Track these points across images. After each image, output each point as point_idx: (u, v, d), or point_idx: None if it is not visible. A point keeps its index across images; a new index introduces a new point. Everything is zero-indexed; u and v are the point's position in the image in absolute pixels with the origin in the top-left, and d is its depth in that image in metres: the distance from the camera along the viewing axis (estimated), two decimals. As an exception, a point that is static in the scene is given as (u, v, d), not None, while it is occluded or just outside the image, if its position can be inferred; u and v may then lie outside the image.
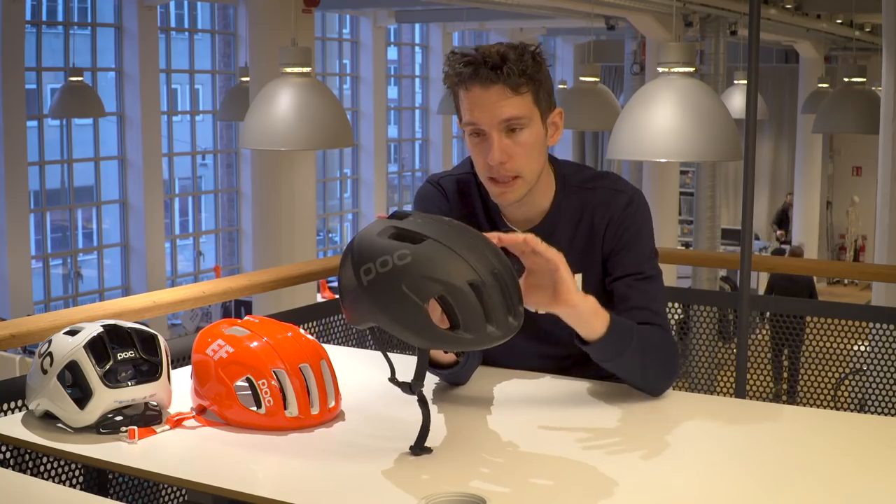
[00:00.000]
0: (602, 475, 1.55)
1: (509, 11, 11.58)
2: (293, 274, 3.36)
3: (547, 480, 1.54)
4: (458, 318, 1.52)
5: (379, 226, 1.60)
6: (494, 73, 1.81)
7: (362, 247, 1.57)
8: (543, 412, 1.84)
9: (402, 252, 1.53)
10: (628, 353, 1.82)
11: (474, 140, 1.88)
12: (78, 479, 2.31)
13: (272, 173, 8.79)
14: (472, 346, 1.56)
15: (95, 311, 2.66)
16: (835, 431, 1.78)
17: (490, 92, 1.83)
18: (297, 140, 4.03)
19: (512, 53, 1.83)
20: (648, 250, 1.97)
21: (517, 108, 1.84)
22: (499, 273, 1.55)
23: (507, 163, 1.86)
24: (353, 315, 1.62)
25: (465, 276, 1.52)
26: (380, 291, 1.54)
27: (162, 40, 11.83)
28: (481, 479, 1.54)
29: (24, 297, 10.07)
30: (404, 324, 1.54)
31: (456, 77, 1.86)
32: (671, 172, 11.64)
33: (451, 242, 1.55)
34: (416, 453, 1.59)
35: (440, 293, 1.52)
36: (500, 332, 1.54)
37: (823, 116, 7.29)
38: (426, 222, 1.59)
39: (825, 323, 3.43)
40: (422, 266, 1.52)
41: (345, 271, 1.60)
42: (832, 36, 14.17)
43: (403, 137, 16.33)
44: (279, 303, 6.69)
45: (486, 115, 1.84)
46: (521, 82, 1.83)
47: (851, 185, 17.55)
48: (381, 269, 1.53)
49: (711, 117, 3.20)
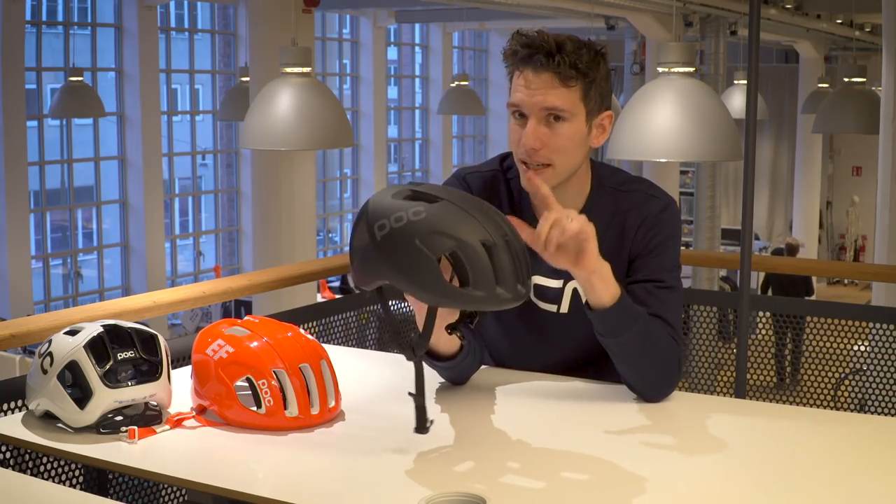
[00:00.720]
0: (602, 475, 1.55)
1: (509, 11, 11.58)
2: (293, 274, 3.36)
3: (547, 480, 1.54)
4: (469, 275, 1.53)
5: (394, 189, 1.61)
6: (547, 59, 1.82)
7: (377, 206, 1.59)
8: (543, 412, 1.84)
9: (416, 209, 1.55)
10: (629, 335, 1.81)
11: (516, 120, 1.88)
12: (78, 479, 2.31)
13: (272, 173, 8.79)
14: (481, 304, 1.55)
15: (95, 311, 2.66)
16: (835, 431, 1.78)
17: (539, 78, 1.83)
18: (297, 140, 4.03)
19: (570, 45, 1.83)
20: (673, 260, 1.96)
21: (561, 99, 1.83)
22: (510, 241, 1.56)
23: (541, 150, 1.85)
24: (362, 274, 1.62)
25: (478, 234, 1.54)
26: (393, 246, 1.54)
27: (162, 40, 11.82)
28: (481, 479, 1.54)
29: (24, 297, 10.07)
30: (415, 279, 1.54)
31: (513, 56, 1.86)
32: (671, 172, 11.63)
33: (466, 205, 1.57)
34: (419, 431, 1.62)
35: (452, 249, 1.53)
36: (510, 296, 1.55)
37: (823, 116, 7.29)
38: (443, 188, 1.62)
39: (825, 323, 3.43)
40: (436, 222, 1.53)
41: (357, 232, 1.61)
42: (832, 36, 14.16)
43: (403, 137, 16.32)
44: (279, 303, 6.69)
45: (530, 100, 1.84)
46: (572, 75, 1.82)
47: (851, 185, 17.55)
48: (395, 224, 1.54)
49: (711, 117, 3.20)
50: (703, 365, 3.62)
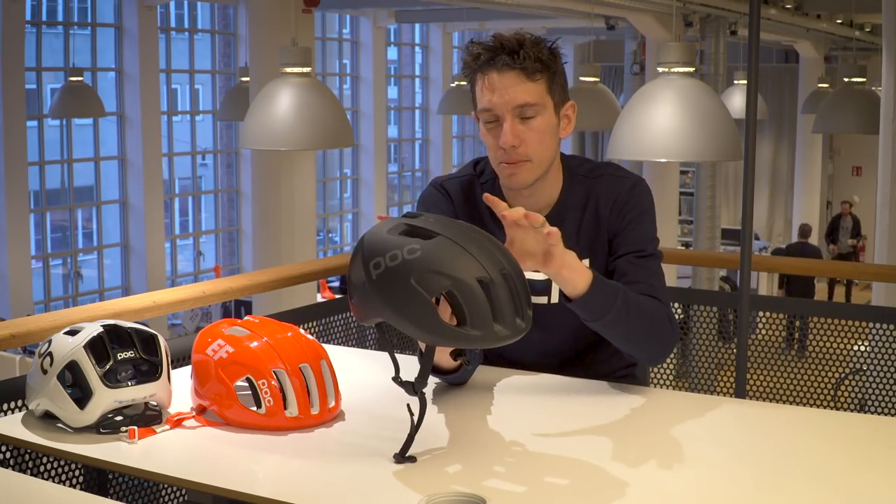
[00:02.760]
0: (602, 475, 1.55)
1: (509, 11, 11.58)
2: (293, 274, 3.36)
3: (547, 480, 1.54)
4: (466, 314, 1.52)
5: (389, 223, 1.60)
6: (511, 58, 1.87)
7: (372, 242, 1.57)
8: (543, 412, 1.84)
9: (411, 247, 1.53)
10: (614, 312, 1.82)
11: (488, 126, 1.93)
12: (78, 479, 2.31)
13: (272, 173, 8.79)
14: (478, 343, 1.54)
15: (95, 311, 2.66)
16: (835, 431, 1.78)
17: (506, 77, 1.88)
18: (297, 140, 4.03)
19: (528, 41, 1.89)
20: (650, 231, 2.02)
21: (531, 93, 1.89)
22: (508, 274, 1.54)
23: (520, 147, 1.91)
24: (361, 311, 1.61)
25: (474, 272, 1.52)
26: (388, 285, 1.53)
27: (162, 40, 11.82)
28: (481, 479, 1.54)
29: (24, 297, 10.07)
30: (411, 318, 1.53)
31: (474, 63, 1.91)
32: (671, 172, 11.63)
33: (462, 240, 1.55)
34: (398, 461, 1.56)
35: (448, 288, 1.51)
36: (508, 332, 1.53)
37: (823, 116, 7.29)
38: (437, 221, 1.59)
39: (825, 323, 3.42)
40: (431, 261, 1.51)
41: (354, 267, 1.60)
42: (832, 36, 14.16)
43: (403, 137, 16.32)
44: (279, 303, 6.69)
45: (501, 100, 1.89)
46: (537, 68, 1.89)
47: (851, 185, 17.55)
48: (390, 262, 1.52)
49: (711, 117, 3.20)
50: (703, 365, 3.62)
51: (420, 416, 1.60)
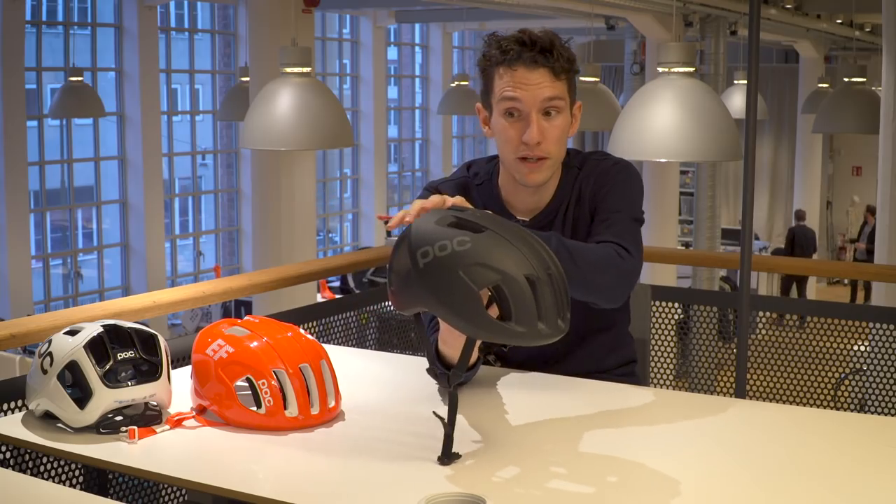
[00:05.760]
0: (602, 475, 1.55)
1: (509, 11, 11.57)
2: (293, 274, 3.36)
3: (547, 480, 1.54)
4: (512, 309, 1.51)
5: (437, 214, 1.60)
6: (543, 55, 1.91)
7: (420, 232, 1.57)
8: (542, 411, 1.84)
9: (461, 238, 1.53)
10: None
11: (509, 120, 1.95)
12: (78, 479, 2.31)
13: (272, 173, 8.79)
14: (521, 340, 1.52)
15: (95, 311, 2.66)
16: (835, 431, 1.78)
17: (535, 73, 1.91)
18: (297, 140, 4.03)
19: (557, 41, 1.93)
20: (626, 199, 2.00)
21: (557, 91, 1.93)
22: (554, 275, 1.54)
23: (543, 143, 1.94)
24: (402, 299, 1.61)
25: (523, 268, 1.51)
26: (435, 275, 1.52)
27: (162, 40, 11.82)
28: (481, 478, 1.54)
29: (24, 297, 10.06)
30: (456, 309, 1.52)
31: (501, 55, 1.92)
32: (671, 172, 11.62)
33: (511, 236, 1.55)
34: (443, 463, 1.55)
35: (496, 282, 1.51)
36: (550, 331, 1.52)
37: (823, 116, 7.28)
38: (484, 216, 1.60)
39: (825, 323, 3.42)
40: (481, 253, 1.51)
41: (398, 255, 1.59)
42: (832, 36, 14.15)
43: (403, 137, 16.32)
44: (279, 303, 6.68)
45: (529, 95, 1.91)
46: (564, 68, 1.93)
47: (851, 185, 17.55)
48: (439, 252, 1.52)
49: (711, 117, 3.20)
50: (703, 365, 3.62)
51: (451, 412, 1.59)
